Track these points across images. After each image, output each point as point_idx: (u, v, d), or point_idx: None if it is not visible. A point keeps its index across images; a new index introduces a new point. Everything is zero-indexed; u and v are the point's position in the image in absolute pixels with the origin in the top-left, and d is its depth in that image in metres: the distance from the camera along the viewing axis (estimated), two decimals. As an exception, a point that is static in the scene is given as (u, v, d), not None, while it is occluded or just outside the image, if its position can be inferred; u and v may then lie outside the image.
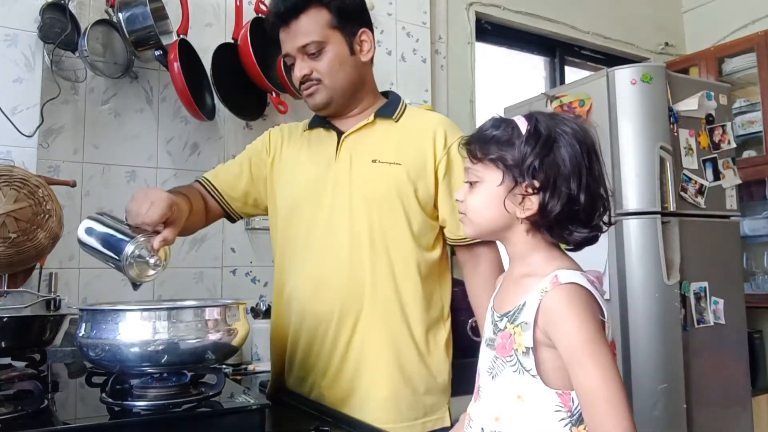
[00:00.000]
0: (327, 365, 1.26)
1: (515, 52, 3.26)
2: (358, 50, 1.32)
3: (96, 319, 0.94)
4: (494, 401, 0.94)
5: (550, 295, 0.88)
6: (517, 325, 0.91)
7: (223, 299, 1.44)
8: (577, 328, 0.86)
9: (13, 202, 1.40)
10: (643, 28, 3.54)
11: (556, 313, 0.87)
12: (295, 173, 1.38)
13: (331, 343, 1.26)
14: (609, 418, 0.83)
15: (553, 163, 0.90)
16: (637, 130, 2.27)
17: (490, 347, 0.96)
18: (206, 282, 2.11)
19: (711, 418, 2.28)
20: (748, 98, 3.16)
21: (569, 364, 0.86)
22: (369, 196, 1.28)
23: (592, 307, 0.88)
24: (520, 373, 0.90)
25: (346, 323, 1.26)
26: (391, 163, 1.29)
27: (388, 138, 1.32)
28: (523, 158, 0.90)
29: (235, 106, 2.13)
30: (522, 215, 0.92)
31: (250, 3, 2.22)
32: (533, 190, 0.90)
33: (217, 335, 0.96)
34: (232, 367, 1.83)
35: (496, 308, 0.98)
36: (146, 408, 0.92)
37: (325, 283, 1.27)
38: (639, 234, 2.22)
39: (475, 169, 0.95)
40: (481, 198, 0.95)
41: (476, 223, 0.97)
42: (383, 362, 1.25)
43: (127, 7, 1.92)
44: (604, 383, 0.84)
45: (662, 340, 2.19)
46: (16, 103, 1.71)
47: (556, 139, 0.91)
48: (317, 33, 1.27)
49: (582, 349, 0.85)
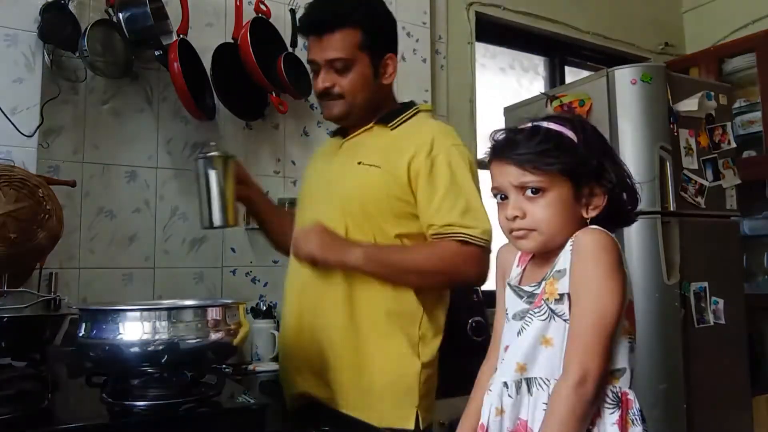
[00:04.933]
0: (303, 354, 1.34)
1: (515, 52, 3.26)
2: (382, 73, 1.40)
3: (96, 319, 0.94)
4: (518, 353, 0.96)
5: (581, 236, 0.93)
6: (551, 277, 0.94)
7: (223, 299, 1.44)
8: (593, 265, 0.90)
9: (13, 202, 1.40)
10: (643, 28, 3.53)
11: (584, 250, 0.92)
12: (304, 179, 1.57)
13: (309, 333, 1.33)
14: (579, 355, 0.87)
15: (611, 159, 0.97)
16: (637, 130, 2.27)
17: (519, 317, 0.98)
18: (206, 282, 2.11)
19: (711, 418, 2.28)
20: (748, 98, 3.15)
21: (573, 295, 0.90)
22: (346, 195, 1.36)
23: (616, 256, 0.92)
24: (549, 319, 0.93)
25: (318, 317, 1.34)
26: (371, 165, 1.34)
27: (378, 143, 1.38)
28: (587, 162, 0.95)
29: (235, 106, 2.13)
30: (591, 214, 0.96)
31: (250, 3, 2.21)
32: (603, 189, 0.95)
33: (217, 335, 0.96)
34: (232, 367, 1.83)
35: (527, 282, 1.01)
36: (146, 408, 0.92)
37: (297, 275, 1.38)
38: (639, 234, 2.22)
39: (535, 180, 0.94)
40: (551, 209, 0.95)
41: (549, 234, 0.96)
42: (347, 351, 1.30)
43: (127, 7, 1.92)
44: (591, 324, 0.88)
45: (662, 340, 2.19)
46: (16, 103, 1.71)
47: (600, 136, 0.99)
48: (347, 51, 1.34)
49: (588, 285, 0.90)
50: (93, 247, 1.94)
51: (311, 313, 1.34)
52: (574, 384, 0.86)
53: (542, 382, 0.92)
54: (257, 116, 2.24)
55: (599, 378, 0.87)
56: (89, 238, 1.93)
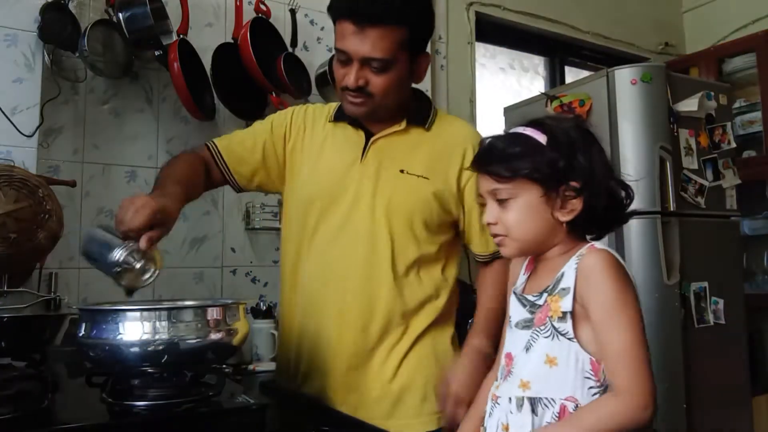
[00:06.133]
0: (336, 365, 1.27)
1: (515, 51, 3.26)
2: (416, 72, 1.28)
3: (96, 319, 0.94)
4: (524, 370, 0.95)
5: (587, 258, 0.92)
6: (556, 294, 0.93)
7: (223, 299, 1.44)
8: (613, 287, 0.89)
9: (13, 202, 1.40)
10: (643, 28, 3.53)
11: (592, 272, 0.91)
12: (316, 166, 1.33)
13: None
14: (640, 378, 0.86)
15: (583, 159, 0.94)
16: (637, 130, 2.27)
17: (526, 327, 0.97)
18: (206, 282, 2.11)
19: (711, 418, 2.28)
20: (748, 98, 3.15)
21: (601, 322, 0.89)
22: (393, 208, 1.26)
23: (626, 272, 0.91)
24: (553, 338, 0.92)
25: (354, 327, 1.26)
26: (419, 176, 1.26)
27: (419, 148, 1.30)
28: (554, 164, 0.93)
29: (235, 106, 2.13)
30: (566, 218, 0.94)
31: (250, 3, 2.21)
32: (574, 192, 0.93)
33: (217, 335, 0.96)
34: (232, 367, 1.83)
35: (530, 291, 1.00)
36: (146, 408, 0.92)
37: (334, 283, 1.27)
38: (639, 234, 2.22)
39: (505, 188, 0.95)
40: (520, 214, 0.95)
41: (521, 240, 0.97)
42: (389, 369, 1.26)
43: (127, 7, 1.92)
44: (635, 344, 0.87)
45: (662, 340, 2.19)
46: (16, 103, 1.71)
47: (572, 136, 0.95)
48: (389, 51, 1.18)
49: (616, 308, 0.88)
50: (93, 247, 1.93)
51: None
52: (636, 407, 0.85)
53: (547, 402, 0.91)
54: (257, 116, 2.23)
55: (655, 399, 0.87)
56: (89, 238, 1.93)
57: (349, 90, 1.22)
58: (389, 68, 1.19)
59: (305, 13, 2.34)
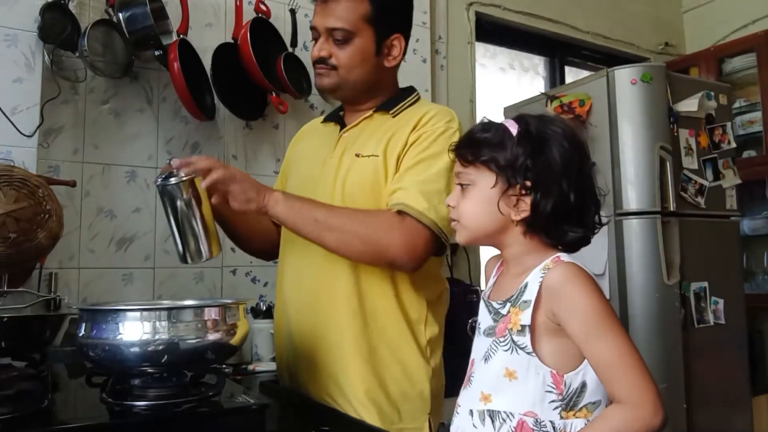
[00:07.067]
0: (309, 358, 1.26)
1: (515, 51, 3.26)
2: (385, 53, 1.30)
3: (96, 319, 0.94)
4: (484, 382, 0.94)
5: (553, 272, 0.89)
6: (517, 306, 0.92)
7: (223, 299, 1.44)
8: (590, 300, 0.87)
9: (13, 202, 1.40)
10: (643, 28, 3.53)
11: (563, 288, 0.88)
12: (298, 169, 1.39)
13: (310, 335, 1.26)
14: (640, 383, 0.85)
15: (544, 162, 0.91)
16: (637, 130, 2.27)
17: (489, 335, 0.96)
18: (206, 282, 2.11)
19: (711, 418, 2.28)
20: (748, 98, 3.16)
21: (585, 337, 0.87)
22: (347, 191, 1.26)
23: (596, 282, 0.90)
24: (512, 352, 0.91)
25: (320, 316, 1.26)
26: (369, 156, 1.26)
27: (378, 131, 1.29)
28: (515, 159, 0.91)
29: (235, 106, 2.13)
30: (517, 217, 0.92)
31: (250, 3, 2.22)
32: (526, 191, 0.91)
33: (217, 335, 0.96)
34: (232, 367, 1.83)
35: (494, 297, 0.98)
36: (146, 408, 0.92)
37: (303, 277, 1.29)
38: (639, 234, 2.22)
39: (466, 172, 0.95)
40: (474, 202, 0.95)
41: (470, 228, 0.96)
42: (359, 360, 1.22)
43: (127, 7, 1.92)
44: (628, 351, 0.86)
45: (662, 340, 2.19)
46: (16, 103, 1.71)
47: (547, 139, 0.92)
48: (350, 22, 1.24)
49: (599, 321, 0.87)
50: (93, 247, 1.94)
51: (313, 311, 1.29)
52: (645, 414, 0.84)
53: (506, 416, 0.90)
54: (257, 116, 2.24)
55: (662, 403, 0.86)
56: (89, 238, 1.93)
57: (317, 63, 1.29)
58: (351, 39, 1.25)
59: (305, 13, 2.34)
